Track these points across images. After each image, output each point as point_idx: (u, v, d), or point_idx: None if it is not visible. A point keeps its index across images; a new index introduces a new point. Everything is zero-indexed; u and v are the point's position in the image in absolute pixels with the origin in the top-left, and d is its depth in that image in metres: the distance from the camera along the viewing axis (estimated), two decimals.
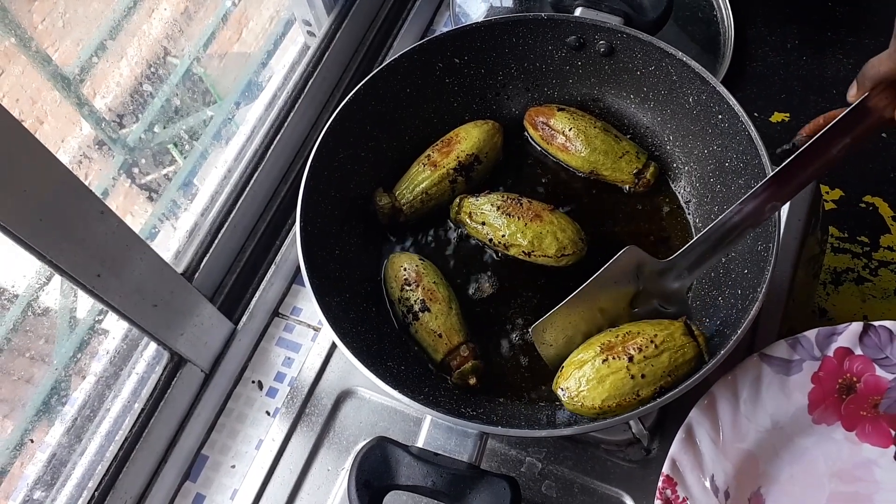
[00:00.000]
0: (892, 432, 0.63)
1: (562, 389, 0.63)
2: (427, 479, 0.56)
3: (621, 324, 0.65)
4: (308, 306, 0.89)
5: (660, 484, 0.61)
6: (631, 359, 0.61)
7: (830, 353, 0.64)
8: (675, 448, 0.62)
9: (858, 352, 0.64)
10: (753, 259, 0.65)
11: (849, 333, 0.64)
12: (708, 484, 0.62)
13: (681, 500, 0.61)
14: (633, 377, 0.60)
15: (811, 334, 0.65)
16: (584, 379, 0.62)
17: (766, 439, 0.64)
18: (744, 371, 0.64)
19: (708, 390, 0.64)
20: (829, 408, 0.64)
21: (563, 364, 0.65)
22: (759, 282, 0.61)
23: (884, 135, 0.98)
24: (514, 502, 0.55)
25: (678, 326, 0.62)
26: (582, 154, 0.76)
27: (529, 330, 0.66)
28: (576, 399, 0.62)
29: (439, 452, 0.58)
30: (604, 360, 0.62)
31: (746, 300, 0.62)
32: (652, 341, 0.61)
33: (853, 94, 0.57)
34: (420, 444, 0.59)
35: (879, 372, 0.64)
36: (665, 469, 0.61)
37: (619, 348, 0.62)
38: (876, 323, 0.64)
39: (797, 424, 0.64)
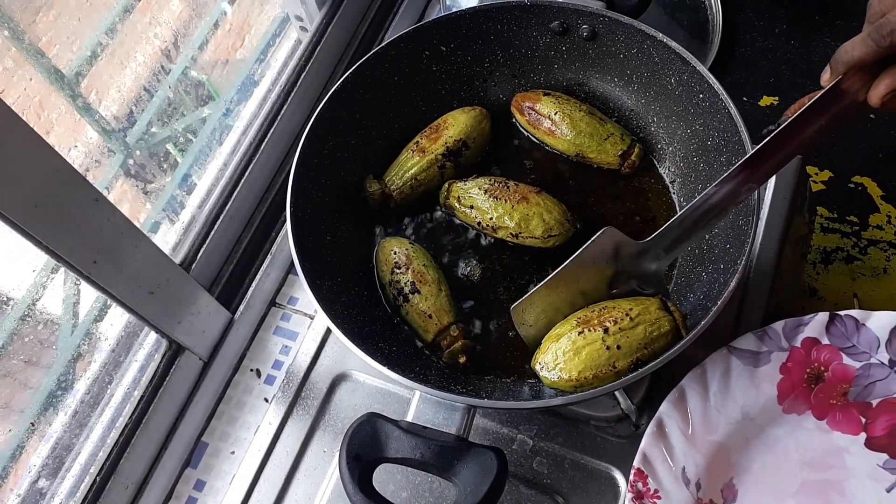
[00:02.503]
0: (863, 420, 0.64)
1: (539, 364, 0.64)
2: (416, 451, 0.57)
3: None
4: (304, 296, 0.90)
5: (631, 477, 0.62)
6: (606, 330, 0.62)
7: (798, 343, 0.65)
8: (646, 441, 0.63)
9: (825, 341, 0.65)
10: (735, 234, 0.66)
11: (815, 323, 0.65)
12: (679, 475, 0.63)
13: (652, 492, 0.62)
14: (608, 348, 0.61)
15: (778, 326, 0.66)
16: (561, 351, 0.63)
17: (737, 431, 0.65)
18: (713, 364, 0.65)
19: (678, 384, 0.65)
20: (798, 397, 0.65)
21: (542, 340, 0.66)
22: (740, 255, 0.62)
23: (871, 115, 0.99)
24: (500, 472, 0.56)
25: (654, 302, 0.63)
26: (568, 137, 0.78)
27: (510, 310, 0.67)
28: (553, 372, 0.63)
29: (428, 426, 0.59)
30: (580, 333, 0.63)
31: (728, 274, 0.63)
32: (627, 314, 0.62)
33: (826, 79, 0.58)
34: (409, 418, 0.60)
35: (847, 360, 0.64)
36: (636, 462, 0.62)
37: (595, 321, 0.63)
38: (842, 312, 0.65)
39: (768, 415, 0.65)
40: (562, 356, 0.63)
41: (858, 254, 0.91)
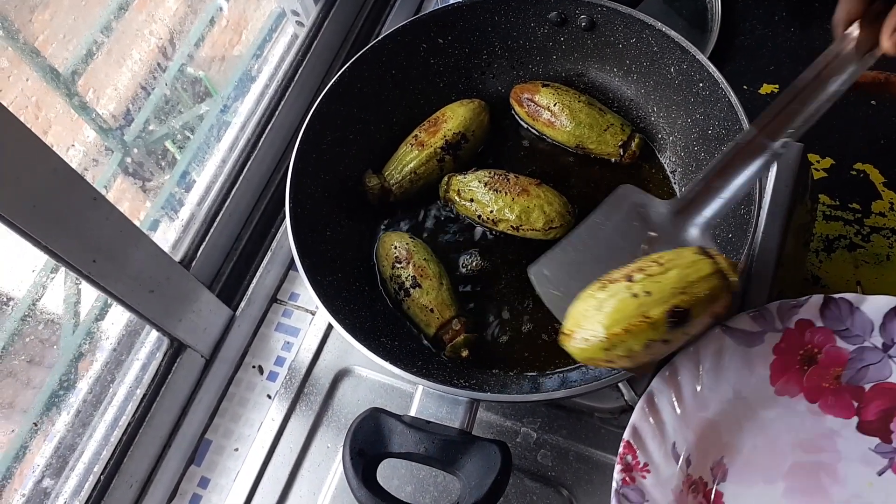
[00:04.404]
0: (855, 404, 0.64)
1: (564, 334, 0.57)
2: (419, 445, 0.57)
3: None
4: (305, 292, 0.90)
5: (620, 449, 0.61)
6: (630, 279, 0.54)
7: (792, 324, 0.64)
8: (636, 415, 0.62)
9: (819, 324, 0.64)
10: (737, 223, 0.65)
11: (810, 306, 0.64)
12: (669, 450, 0.62)
13: (641, 465, 0.62)
14: (635, 296, 0.53)
15: (773, 307, 0.65)
16: (583, 313, 0.55)
17: (728, 410, 0.64)
18: (706, 343, 0.64)
19: (670, 361, 0.64)
20: (791, 379, 0.65)
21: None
22: (742, 243, 0.62)
23: (873, 102, 0.98)
24: (504, 465, 0.56)
25: (689, 249, 0.56)
26: (567, 128, 0.77)
27: (529, 272, 0.62)
28: (579, 339, 0.55)
29: (431, 420, 0.59)
30: (601, 287, 0.55)
31: None
32: (655, 261, 0.55)
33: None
34: (413, 413, 0.60)
35: (840, 343, 0.64)
36: (626, 435, 0.62)
37: (618, 275, 0.56)
38: (836, 295, 0.64)
39: (760, 396, 0.65)
40: (584, 319, 0.55)
41: (861, 241, 0.90)
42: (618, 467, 0.61)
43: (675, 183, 0.75)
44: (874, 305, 0.63)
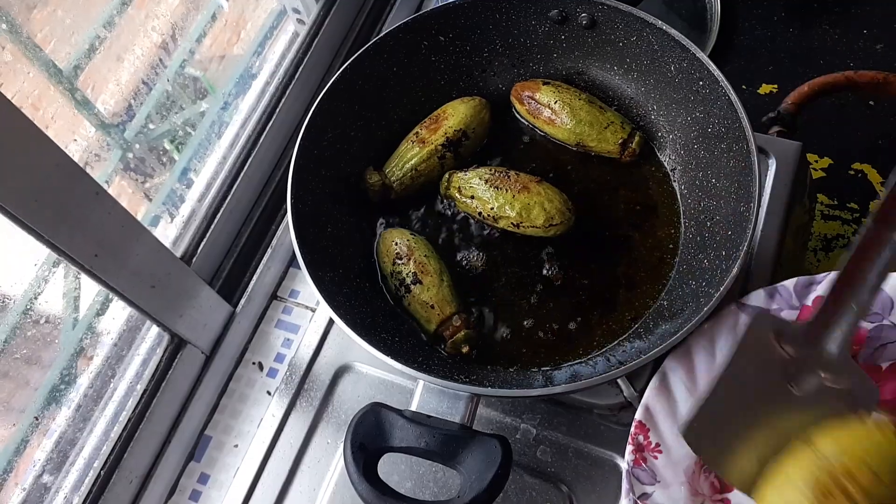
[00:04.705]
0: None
1: None
2: (420, 440, 0.58)
3: (791, 412, 0.53)
4: (306, 288, 0.90)
5: (632, 430, 0.61)
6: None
7: (809, 302, 0.63)
8: (649, 395, 0.62)
9: None
10: (736, 221, 0.66)
11: (828, 282, 0.62)
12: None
13: (653, 445, 0.61)
14: None
15: (790, 283, 0.63)
16: None
17: None
18: (721, 320, 0.63)
19: (684, 340, 0.62)
20: None
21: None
22: (741, 241, 0.62)
23: (871, 103, 0.99)
24: (504, 459, 0.56)
25: (888, 430, 0.52)
26: (568, 126, 0.77)
27: (682, 435, 0.57)
28: None
29: (432, 415, 0.59)
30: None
31: (729, 260, 0.63)
32: (868, 468, 0.50)
33: None
34: (413, 407, 0.60)
35: None
36: (638, 415, 0.61)
37: (833, 487, 0.51)
38: None
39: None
40: None
41: None
42: (629, 448, 0.60)
43: (674, 181, 0.76)
44: (895, 283, 0.61)
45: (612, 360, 0.65)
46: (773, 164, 0.80)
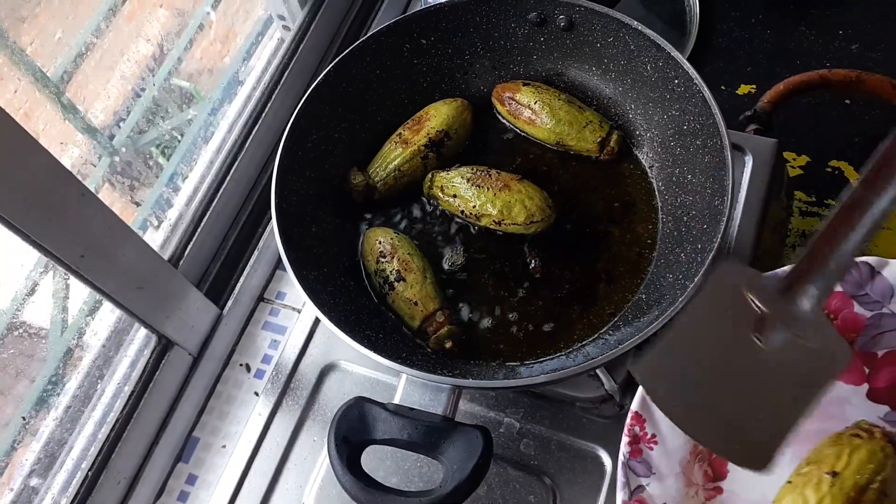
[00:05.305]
0: (866, 370, 0.63)
1: None
2: (403, 432, 0.58)
3: (755, 366, 0.51)
4: (292, 290, 0.91)
5: (628, 421, 0.61)
6: None
7: None
8: None
9: (838, 288, 0.62)
10: (711, 214, 0.67)
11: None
12: None
13: (649, 436, 0.61)
14: None
15: (786, 271, 0.60)
16: None
17: None
18: None
19: None
20: None
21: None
22: (716, 234, 0.63)
23: (847, 101, 1.01)
24: (485, 449, 0.57)
25: (888, 451, 0.56)
26: (548, 126, 0.79)
27: (630, 369, 0.57)
28: None
29: (414, 407, 0.60)
30: None
31: (705, 252, 0.64)
32: (884, 493, 0.54)
33: None
34: (396, 401, 0.61)
35: (857, 309, 0.63)
36: (634, 406, 0.61)
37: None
38: (857, 259, 0.62)
39: None
40: None
41: None
42: (625, 439, 0.60)
43: (652, 178, 0.77)
44: (894, 270, 0.61)
45: (591, 352, 0.67)
46: (749, 161, 0.82)
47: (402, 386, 0.62)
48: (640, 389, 0.62)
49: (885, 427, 0.60)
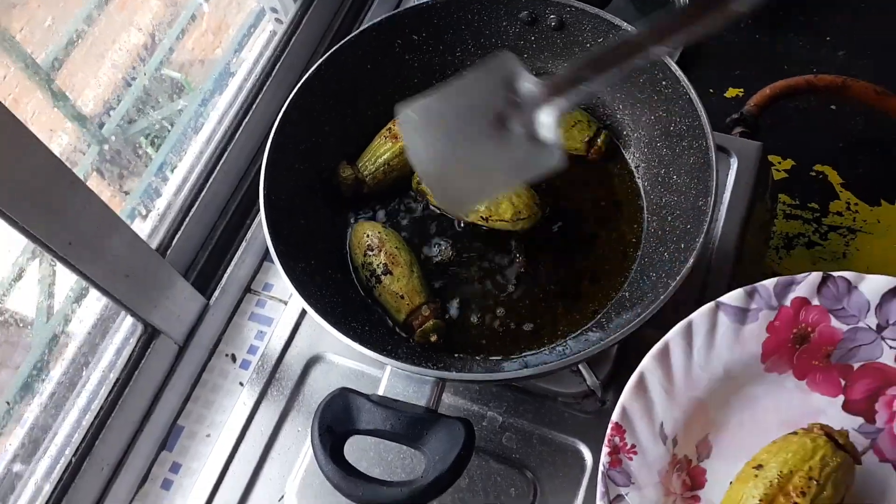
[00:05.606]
0: (842, 382, 0.64)
1: None
2: (386, 422, 0.59)
3: (489, 142, 0.60)
4: (279, 282, 0.91)
5: (608, 431, 0.61)
6: None
7: (787, 302, 0.64)
8: (626, 396, 0.63)
9: (815, 302, 0.64)
10: (695, 215, 0.68)
11: (807, 283, 0.64)
12: (657, 432, 0.62)
13: (629, 447, 0.62)
14: None
15: (770, 283, 0.64)
16: None
17: (717, 388, 0.64)
18: (700, 319, 0.64)
19: (661, 338, 0.64)
20: (782, 357, 0.65)
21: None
22: (699, 233, 0.64)
23: (832, 107, 1.02)
24: (467, 440, 0.58)
25: (819, 442, 0.58)
26: None
27: (397, 112, 0.63)
28: None
29: (398, 399, 0.61)
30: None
31: (688, 252, 0.65)
32: (810, 478, 0.57)
33: None
34: (381, 392, 0.62)
35: (834, 323, 0.64)
36: (614, 417, 0.62)
37: (780, 497, 0.57)
38: (835, 273, 0.63)
39: (749, 373, 0.64)
40: None
41: (819, 239, 0.94)
42: (605, 449, 0.61)
43: (638, 178, 0.78)
44: (872, 285, 0.63)
45: (574, 347, 0.67)
46: (734, 163, 0.83)
47: (387, 377, 0.62)
48: (620, 401, 0.62)
49: (851, 432, 0.62)
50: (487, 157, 0.62)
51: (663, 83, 0.74)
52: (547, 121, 0.60)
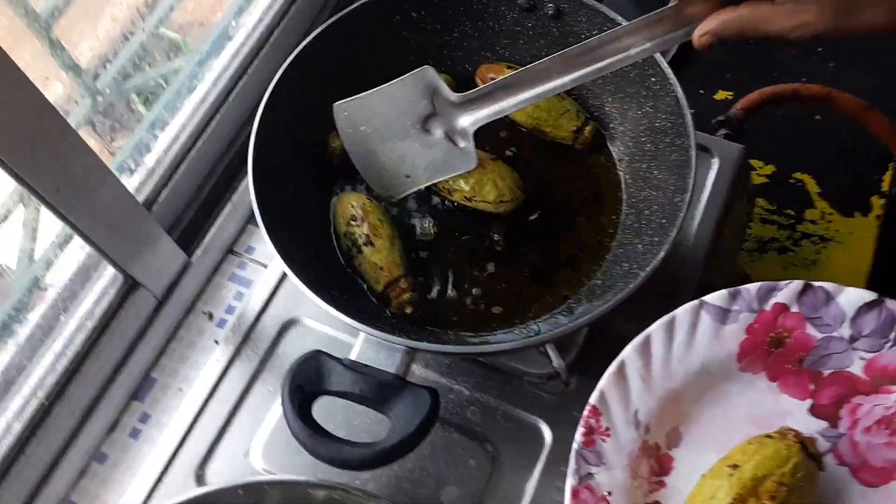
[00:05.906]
0: (812, 386, 0.67)
1: None
2: (356, 386, 0.61)
3: (410, 143, 0.73)
4: (262, 246, 0.93)
5: (585, 412, 0.64)
6: None
7: (768, 307, 0.67)
8: (605, 381, 0.65)
9: (795, 309, 0.67)
10: (671, 210, 0.70)
11: (789, 290, 0.66)
12: (631, 418, 0.65)
13: (603, 429, 0.64)
14: None
15: (753, 287, 0.67)
16: None
17: (693, 382, 0.67)
18: (682, 316, 0.67)
19: (645, 330, 0.67)
20: (757, 358, 0.67)
21: None
22: (672, 228, 0.66)
23: (818, 117, 1.04)
24: (432, 407, 0.59)
25: (793, 450, 0.61)
26: (526, 110, 0.81)
27: (335, 106, 0.74)
28: None
29: (369, 364, 0.63)
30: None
31: (660, 245, 0.67)
32: (781, 483, 0.60)
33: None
34: (353, 357, 0.64)
35: (810, 330, 0.66)
36: (592, 399, 0.64)
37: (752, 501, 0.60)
38: (816, 283, 0.66)
39: (724, 371, 0.67)
40: None
41: (791, 245, 0.96)
42: (580, 429, 0.63)
43: (620, 171, 0.80)
44: (849, 298, 0.66)
45: (542, 328, 0.69)
46: (716, 164, 0.85)
47: (360, 344, 0.64)
48: (599, 386, 0.65)
49: (818, 439, 0.65)
50: (411, 153, 0.73)
51: (652, 79, 0.75)
52: (463, 129, 0.71)
